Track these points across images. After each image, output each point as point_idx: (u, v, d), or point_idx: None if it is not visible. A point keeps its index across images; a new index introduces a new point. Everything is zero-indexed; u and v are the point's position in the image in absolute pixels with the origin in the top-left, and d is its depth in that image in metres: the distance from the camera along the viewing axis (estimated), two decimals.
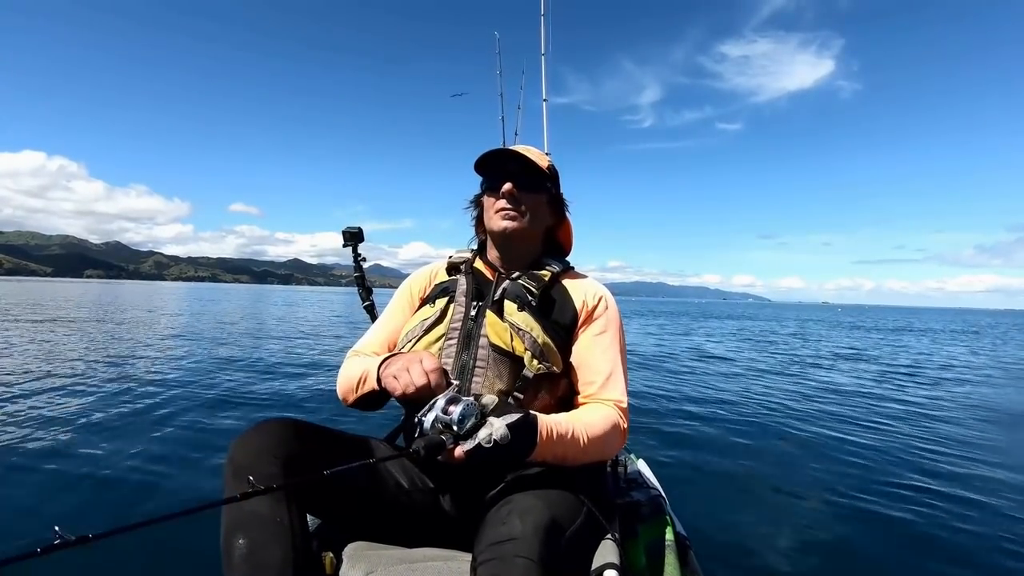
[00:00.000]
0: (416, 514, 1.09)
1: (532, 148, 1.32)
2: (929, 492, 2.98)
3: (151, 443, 3.33)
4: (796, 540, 2.34)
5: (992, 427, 4.79)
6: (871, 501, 2.80)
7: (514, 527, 0.81)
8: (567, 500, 0.95)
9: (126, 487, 2.63)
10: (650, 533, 1.32)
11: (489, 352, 1.11)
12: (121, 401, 4.50)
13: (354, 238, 1.92)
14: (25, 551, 0.45)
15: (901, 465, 3.48)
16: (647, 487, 1.59)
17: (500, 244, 1.28)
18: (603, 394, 1.14)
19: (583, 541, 0.95)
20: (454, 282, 1.26)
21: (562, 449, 1.00)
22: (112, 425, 3.72)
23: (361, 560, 0.97)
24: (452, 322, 1.17)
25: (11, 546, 1.94)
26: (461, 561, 0.96)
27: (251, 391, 5.21)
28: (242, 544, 0.84)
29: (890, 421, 4.82)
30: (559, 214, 1.34)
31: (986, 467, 3.49)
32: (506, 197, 1.21)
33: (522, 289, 1.19)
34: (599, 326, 1.21)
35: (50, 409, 4.14)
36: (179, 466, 2.97)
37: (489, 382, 1.09)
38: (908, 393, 6.44)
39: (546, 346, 1.12)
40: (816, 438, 4.12)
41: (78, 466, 2.85)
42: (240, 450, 0.92)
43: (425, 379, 0.94)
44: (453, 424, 0.87)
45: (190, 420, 3.98)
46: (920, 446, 3.97)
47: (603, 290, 1.27)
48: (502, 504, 0.90)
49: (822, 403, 5.57)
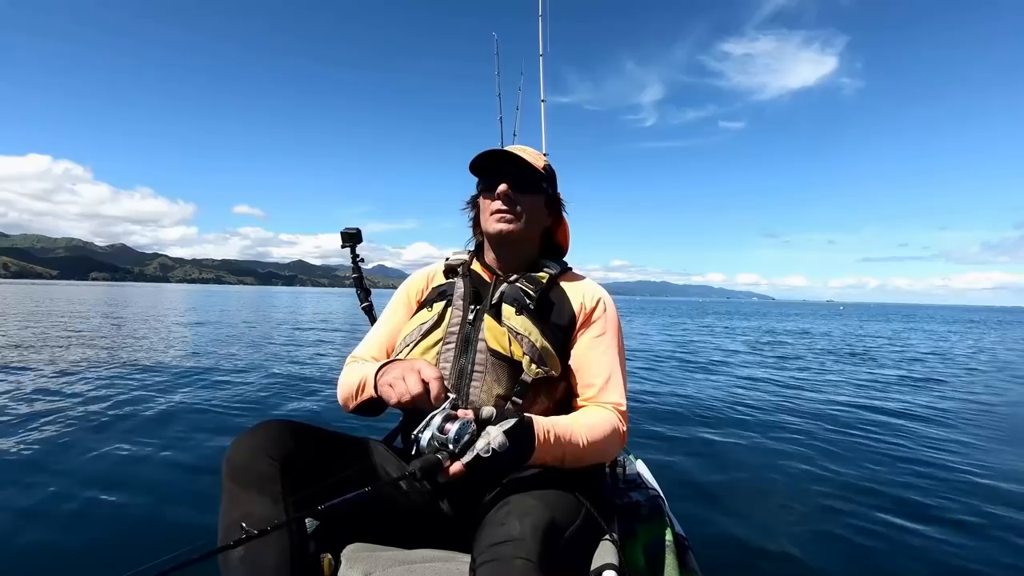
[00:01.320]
0: (414, 515, 1.09)
1: (528, 148, 1.31)
2: (930, 491, 2.97)
3: (147, 446, 3.32)
4: (796, 541, 2.33)
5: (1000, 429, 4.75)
6: (871, 501, 2.79)
7: (513, 528, 0.81)
8: (566, 501, 0.95)
9: (122, 498, 2.51)
10: (649, 534, 1.32)
11: (487, 357, 1.11)
12: (118, 404, 4.49)
13: (352, 239, 1.91)
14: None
15: (902, 465, 3.48)
16: (646, 488, 1.58)
17: (497, 246, 1.27)
18: (602, 397, 1.14)
19: (582, 542, 0.95)
20: (451, 285, 1.26)
21: (561, 451, 1.00)
22: (102, 437, 3.70)
23: (359, 561, 0.97)
24: (450, 326, 1.17)
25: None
26: (460, 562, 0.96)
27: (250, 392, 5.20)
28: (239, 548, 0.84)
29: (892, 421, 4.82)
30: (556, 214, 1.33)
31: (990, 469, 3.45)
32: (502, 198, 1.21)
33: (520, 292, 1.19)
34: (598, 328, 1.20)
35: (49, 412, 4.13)
36: (177, 467, 2.96)
37: (487, 387, 1.09)
38: (909, 393, 6.44)
39: (544, 350, 1.11)
40: (817, 438, 4.12)
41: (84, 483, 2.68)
42: (238, 450, 0.92)
43: (420, 388, 0.94)
44: (449, 443, 0.87)
45: (189, 422, 3.97)
46: (921, 445, 3.97)
47: (601, 292, 1.27)
48: (501, 505, 0.90)
49: (823, 403, 5.57)
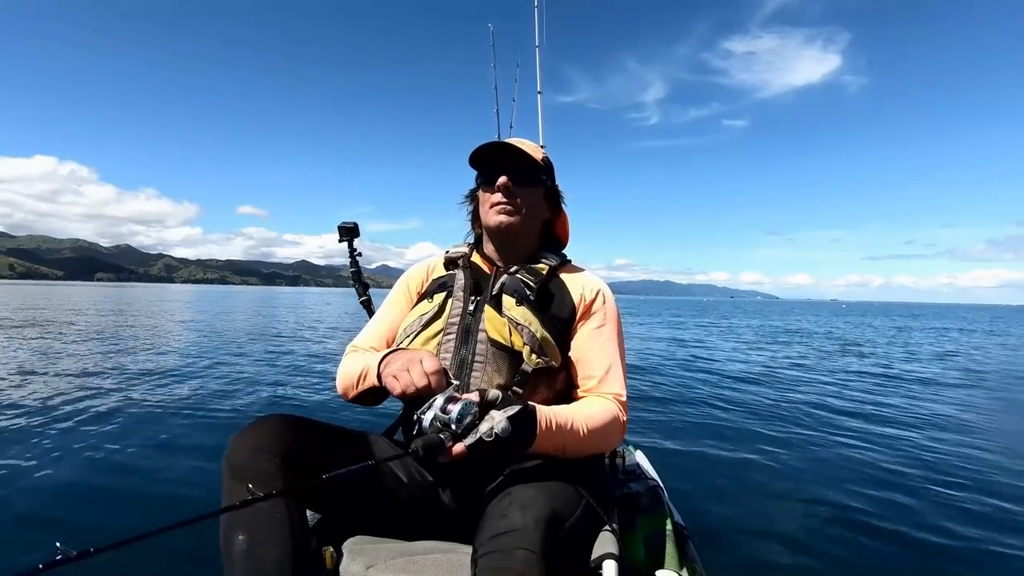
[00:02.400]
0: (416, 507, 1.09)
1: (526, 141, 1.30)
2: (930, 481, 3.00)
3: (146, 446, 3.31)
4: (795, 530, 2.35)
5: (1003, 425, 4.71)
6: (871, 493, 2.80)
7: (514, 519, 0.82)
8: (566, 492, 0.95)
9: (123, 495, 2.55)
10: (649, 524, 1.33)
11: (488, 347, 1.11)
12: (116, 405, 4.49)
13: (350, 233, 1.88)
14: (26, 568, 0.45)
15: (901, 456, 3.50)
16: (646, 478, 1.59)
17: (497, 239, 1.27)
18: (602, 388, 1.14)
19: (582, 532, 0.96)
20: (452, 277, 1.26)
21: (562, 440, 1.01)
22: (105, 431, 3.70)
23: (361, 554, 0.98)
24: (450, 317, 1.17)
25: (12, 563, 1.91)
26: (461, 553, 0.97)
27: (249, 388, 5.20)
28: (241, 540, 0.84)
29: (891, 413, 4.84)
30: (555, 206, 1.33)
31: (992, 467, 3.40)
32: (501, 191, 1.20)
33: (520, 283, 1.19)
34: (597, 320, 1.21)
35: (47, 412, 4.13)
36: (176, 467, 2.96)
37: (488, 377, 1.09)
38: (909, 393, 6.43)
39: (545, 340, 1.12)
40: (816, 429, 4.15)
41: (75, 474, 2.76)
42: (238, 447, 0.92)
43: (425, 380, 0.94)
44: (452, 423, 0.87)
45: (187, 423, 3.98)
46: (923, 443, 3.98)
47: (601, 283, 1.27)
48: (502, 496, 0.90)
49: (822, 394, 5.60)
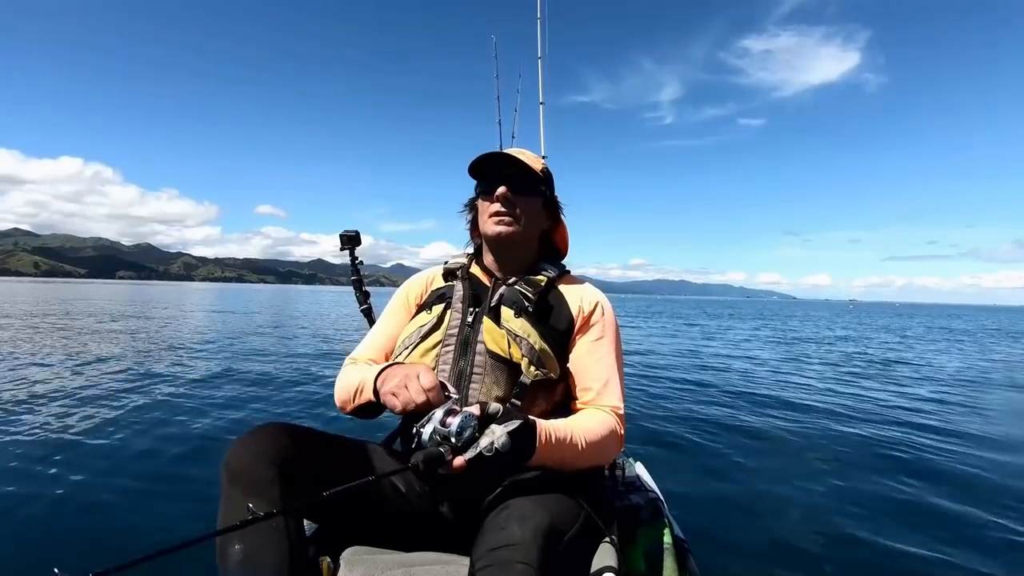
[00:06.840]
0: (414, 519, 1.08)
1: (526, 151, 1.32)
2: (932, 493, 2.96)
3: (143, 462, 3.19)
4: (797, 544, 2.32)
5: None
6: (873, 505, 2.78)
7: (513, 532, 0.81)
8: (565, 504, 0.95)
9: (123, 514, 2.45)
10: (649, 536, 1.32)
11: (486, 359, 1.11)
12: (116, 409, 4.48)
13: (351, 241, 1.91)
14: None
15: (905, 467, 3.46)
16: (645, 490, 1.58)
17: (495, 249, 1.28)
18: (600, 400, 1.14)
19: (582, 545, 0.95)
20: (450, 288, 1.26)
21: (560, 454, 1.00)
22: (105, 442, 3.69)
23: (359, 565, 0.97)
24: (449, 329, 1.18)
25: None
26: (459, 566, 0.96)
27: (248, 395, 5.19)
28: (238, 550, 0.84)
29: (895, 422, 4.80)
30: (554, 217, 1.34)
31: (999, 475, 3.38)
32: (500, 201, 1.21)
33: (519, 295, 1.19)
34: (596, 332, 1.21)
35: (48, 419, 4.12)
36: (175, 478, 2.94)
37: (486, 389, 1.09)
38: (911, 394, 6.43)
39: (543, 352, 1.12)
40: (817, 440, 4.11)
41: (69, 495, 2.61)
42: (236, 456, 0.92)
43: (424, 397, 0.94)
44: (451, 436, 0.87)
45: (188, 426, 3.96)
46: (926, 445, 3.96)
47: (599, 295, 1.27)
48: (500, 509, 0.90)
49: (824, 404, 5.57)
